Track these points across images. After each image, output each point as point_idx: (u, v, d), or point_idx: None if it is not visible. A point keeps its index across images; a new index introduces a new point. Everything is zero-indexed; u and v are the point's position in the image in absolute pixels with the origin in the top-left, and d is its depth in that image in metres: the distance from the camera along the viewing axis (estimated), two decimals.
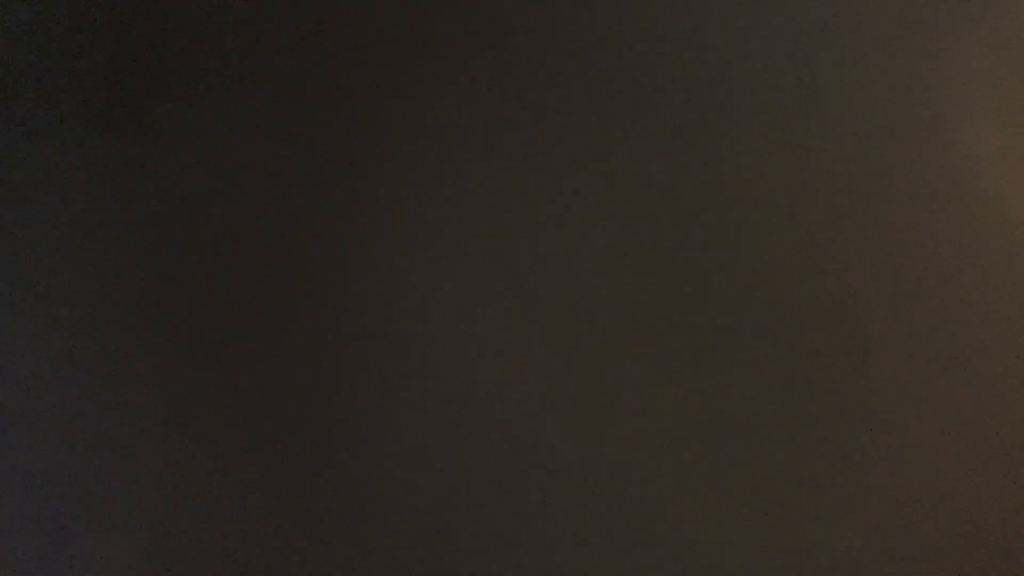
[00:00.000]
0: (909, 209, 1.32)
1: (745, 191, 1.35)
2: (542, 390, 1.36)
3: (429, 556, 1.35)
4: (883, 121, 1.33)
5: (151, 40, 1.49)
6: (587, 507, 1.33)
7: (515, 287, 1.38)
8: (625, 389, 1.34)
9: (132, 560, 1.40)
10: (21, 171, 1.49)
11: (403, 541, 1.36)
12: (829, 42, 1.35)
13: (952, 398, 1.29)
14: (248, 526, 1.39)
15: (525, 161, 1.40)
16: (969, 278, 1.30)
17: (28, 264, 1.47)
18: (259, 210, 1.44)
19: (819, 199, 1.33)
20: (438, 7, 1.44)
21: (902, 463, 1.29)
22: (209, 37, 1.48)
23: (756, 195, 1.35)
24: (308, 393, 1.40)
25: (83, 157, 1.48)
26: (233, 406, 1.41)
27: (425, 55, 1.44)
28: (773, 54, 1.36)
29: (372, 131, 1.44)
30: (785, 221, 1.34)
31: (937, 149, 1.32)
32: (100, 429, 1.43)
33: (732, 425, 1.32)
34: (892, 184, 1.33)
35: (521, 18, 1.42)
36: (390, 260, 1.41)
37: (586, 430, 1.34)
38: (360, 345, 1.40)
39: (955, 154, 1.32)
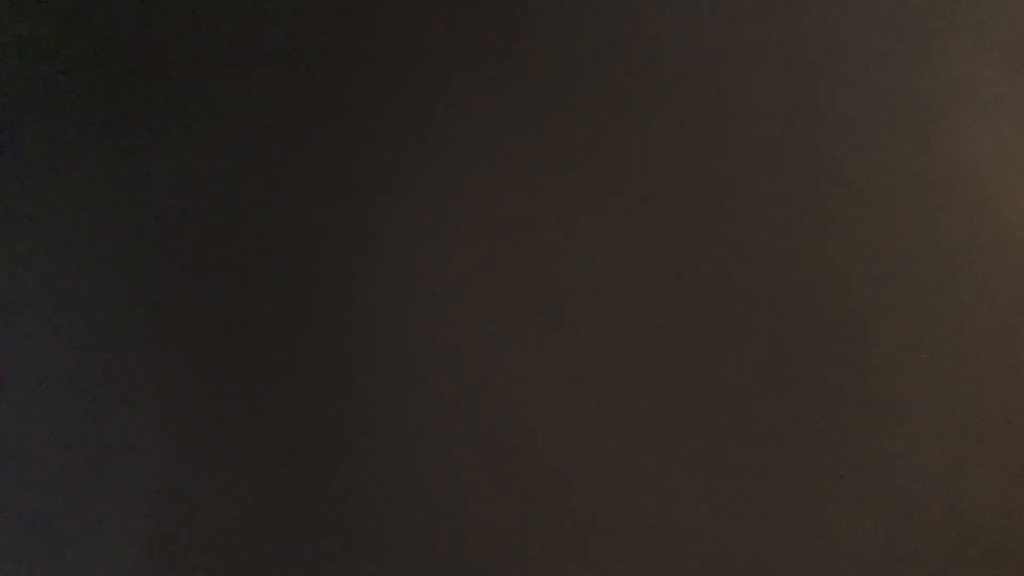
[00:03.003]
0: (909, 208, 1.32)
1: (746, 191, 1.35)
2: (545, 391, 1.36)
3: (430, 558, 1.35)
4: (884, 121, 1.33)
5: (153, 45, 1.49)
6: (590, 507, 1.33)
7: (518, 289, 1.38)
8: (628, 385, 1.34)
9: (132, 561, 1.40)
10: (22, 176, 1.49)
11: (404, 543, 1.36)
12: (830, 44, 1.35)
13: (952, 395, 1.29)
14: (248, 527, 1.39)
15: (529, 165, 1.40)
16: (969, 276, 1.30)
17: (29, 269, 1.47)
18: (260, 215, 1.44)
19: (820, 199, 1.33)
20: (438, 14, 1.44)
21: (902, 459, 1.29)
22: (211, 44, 1.48)
23: (757, 195, 1.35)
24: (308, 395, 1.40)
25: (85, 162, 1.48)
26: (233, 408, 1.41)
27: (427, 62, 1.44)
28: (774, 57, 1.36)
29: (376, 134, 1.44)
30: (786, 220, 1.34)
31: (937, 149, 1.32)
32: (100, 431, 1.43)
33: (733, 421, 1.32)
34: (893, 183, 1.33)
35: (526, 22, 1.42)
36: (392, 264, 1.41)
37: (591, 427, 1.35)
38: (362, 347, 1.40)
39: (955, 154, 1.32)
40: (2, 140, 1.50)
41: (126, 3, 1.50)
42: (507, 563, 1.34)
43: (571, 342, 1.36)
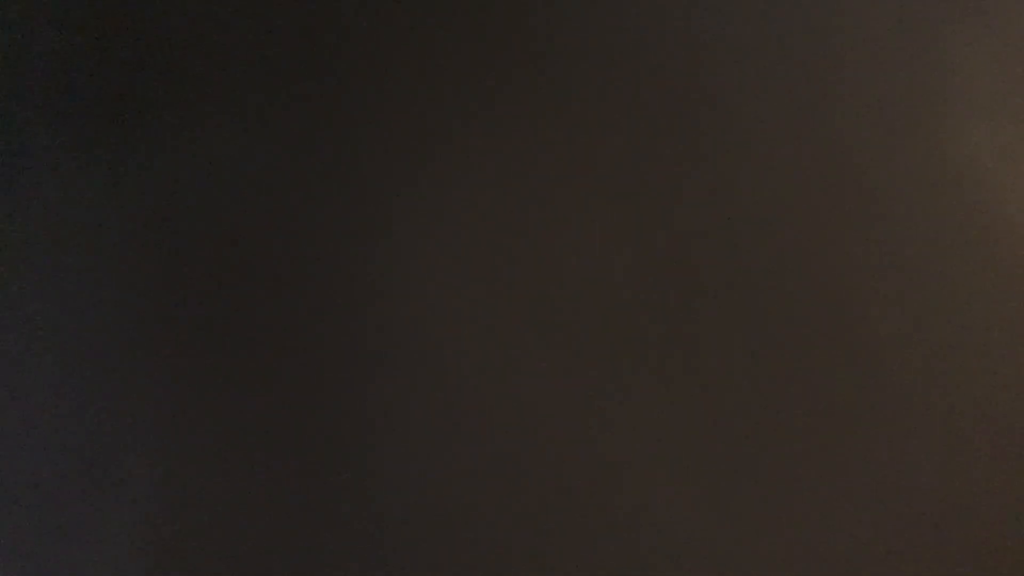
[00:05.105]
0: (910, 208, 1.32)
1: (746, 190, 1.35)
2: (547, 392, 1.36)
3: (430, 557, 1.35)
4: (883, 121, 1.33)
5: (154, 48, 1.49)
6: (594, 507, 1.33)
7: (524, 289, 1.38)
8: (633, 386, 1.34)
9: (131, 561, 1.40)
10: (23, 177, 1.49)
11: (404, 542, 1.36)
12: (829, 42, 1.35)
13: (953, 396, 1.29)
14: (249, 528, 1.39)
15: (538, 165, 1.40)
16: (970, 277, 1.30)
17: (28, 268, 1.47)
18: (259, 214, 1.44)
19: (820, 199, 1.33)
20: (447, 13, 1.44)
21: (904, 461, 1.29)
22: (213, 45, 1.48)
23: (757, 194, 1.35)
24: (311, 395, 1.40)
25: (86, 164, 1.48)
26: (235, 408, 1.41)
27: (434, 63, 1.44)
28: (773, 55, 1.36)
29: (383, 134, 1.44)
30: (786, 220, 1.34)
31: (937, 149, 1.32)
32: (100, 431, 1.43)
33: (734, 424, 1.32)
34: (893, 183, 1.33)
35: (536, 22, 1.42)
36: (396, 263, 1.41)
37: (596, 428, 1.35)
38: (365, 347, 1.40)
39: (955, 154, 1.32)
40: (1, 142, 1.50)
41: (128, 3, 1.50)
42: (510, 563, 1.34)
43: (578, 343, 1.36)
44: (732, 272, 1.34)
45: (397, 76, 1.44)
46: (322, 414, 1.40)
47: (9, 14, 1.51)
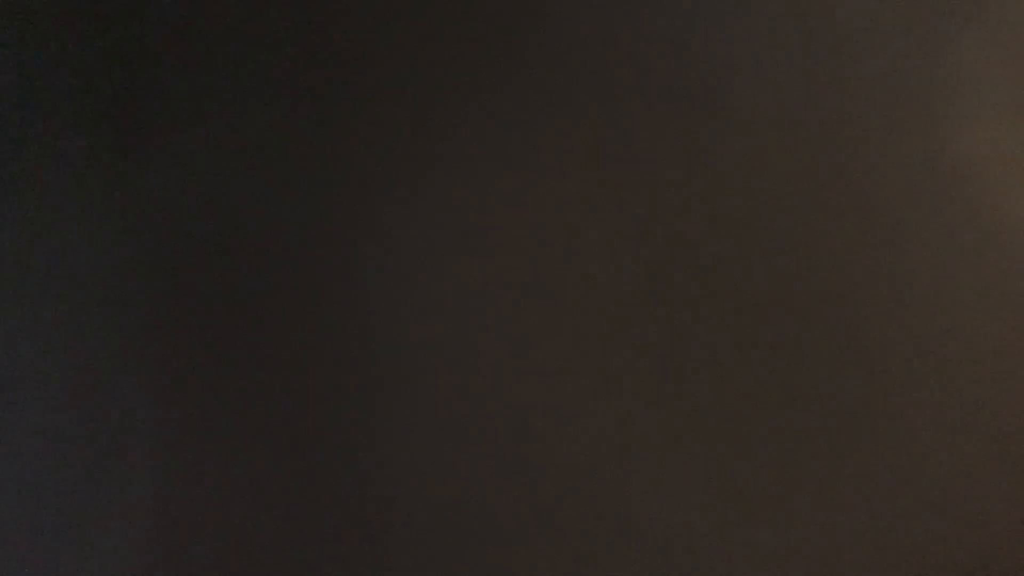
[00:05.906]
0: (909, 208, 1.32)
1: (746, 191, 1.35)
2: (552, 391, 1.36)
3: (427, 556, 1.35)
4: (884, 122, 1.33)
5: (155, 52, 1.49)
6: (596, 508, 1.33)
7: (525, 290, 1.38)
8: (636, 387, 1.34)
9: (131, 561, 1.40)
10: (24, 178, 1.49)
11: (403, 541, 1.36)
12: (829, 43, 1.35)
13: (952, 397, 1.29)
14: (248, 528, 1.39)
15: (536, 165, 1.40)
16: (969, 277, 1.30)
17: (28, 269, 1.47)
18: (262, 216, 1.45)
19: (819, 199, 1.33)
20: (447, 13, 1.44)
21: (902, 463, 1.29)
22: (215, 42, 1.48)
23: (757, 195, 1.35)
24: (309, 395, 1.40)
25: (87, 161, 1.48)
26: (234, 408, 1.41)
27: (433, 63, 1.44)
28: (773, 55, 1.36)
29: (381, 134, 1.44)
30: (785, 220, 1.34)
31: (938, 149, 1.32)
32: (99, 431, 1.43)
33: (734, 426, 1.32)
34: (892, 184, 1.32)
35: (528, 23, 1.42)
36: (394, 263, 1.41)
37: (599, 429, 1.35)
38: (364, 347, 1.40)
39: (955, 154, 1.32)
40: (2, 142, 1.50)
41: (128, 2, 1.50)
42: (513, 563, 1.34)
43: (578, 344, 1.36)
44: (733, 272, 1.34)
45: (398, 78, 1.44)
46: (322, 415, 1.40)
47: (15, 15, 1.51)
